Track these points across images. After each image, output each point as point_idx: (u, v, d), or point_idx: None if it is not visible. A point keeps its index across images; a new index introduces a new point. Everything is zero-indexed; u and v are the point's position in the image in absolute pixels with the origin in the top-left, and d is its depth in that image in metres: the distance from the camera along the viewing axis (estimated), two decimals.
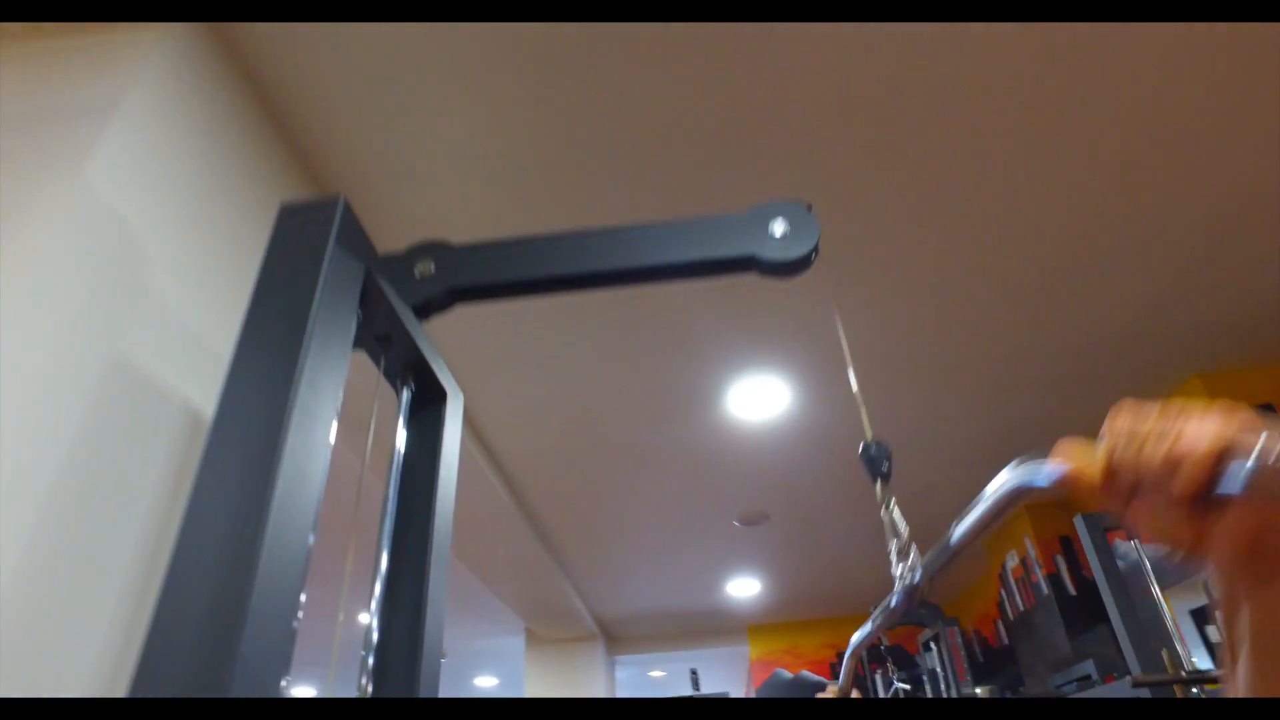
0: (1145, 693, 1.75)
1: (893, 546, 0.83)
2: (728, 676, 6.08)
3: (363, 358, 1.13)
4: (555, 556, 4.04)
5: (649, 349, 2.44)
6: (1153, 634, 1.97)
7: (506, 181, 1.72)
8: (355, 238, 1.00)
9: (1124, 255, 2.20)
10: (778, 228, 1.09)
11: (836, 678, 5.19)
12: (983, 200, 1.91)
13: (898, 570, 0.82)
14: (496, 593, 4.30)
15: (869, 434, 0.97)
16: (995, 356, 2.64)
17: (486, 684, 7.53)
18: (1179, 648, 2.07)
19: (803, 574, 4.85)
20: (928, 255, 2.08)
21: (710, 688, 5.80)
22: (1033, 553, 4.00)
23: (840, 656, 5.91)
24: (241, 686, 0.63)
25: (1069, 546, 3.92)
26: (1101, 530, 2.05)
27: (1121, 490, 0.42)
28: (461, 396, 1.32)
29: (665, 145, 1.67)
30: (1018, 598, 4.27)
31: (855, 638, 1.07)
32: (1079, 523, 2.09)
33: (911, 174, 1.81)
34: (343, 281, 0.94)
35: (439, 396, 1.24)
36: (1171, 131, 1.77)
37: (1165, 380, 2.97)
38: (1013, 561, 4.28)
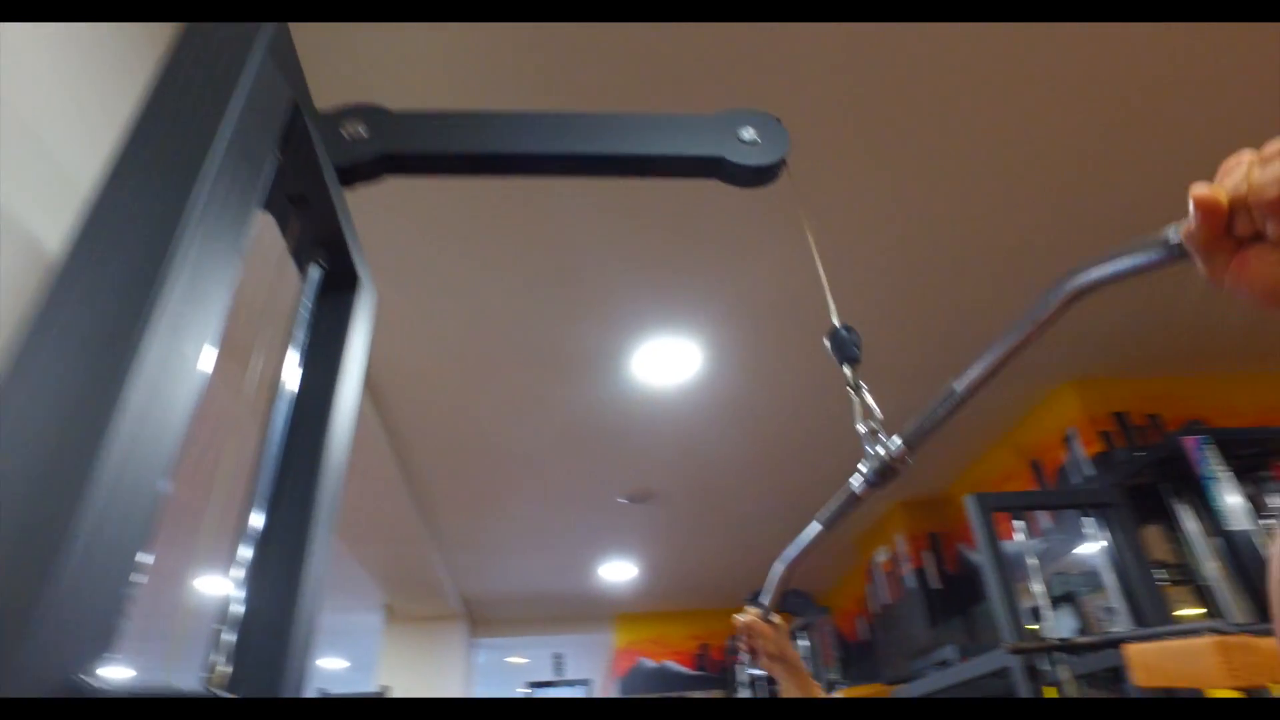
0: (1016, 661, 1.78)
1: (863, 427, 0.78)
2: (591, 664, 5.98)
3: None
4: (427, 519, 3.78)
5: (559, 295, 2.29)
6: (1026, 609, 2.03)
7: (469, 68, 1.54)
8: (287, 62, 0.78)
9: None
10: (746, 133, 1.05)
11: (701, 668, 5.15)
12: (940, 126, 1.91)
13: (872, 450, 0.76)
14: (358, 556, 3.98)
15: (835, 319, 0.89)
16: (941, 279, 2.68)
17: (334, 666, 7.03)
18: (1050, 620, 2.15)
19: (680, 560, 4.81)
20: (887, 179, 2.06)
21: (574, 674, 5.67)
22: (903, 548, 4.14)
23: (704, 649, 5.90)
24: (36, 673, 0.40)
25: (936, 542, 4.08)
26: (988, 509, 2.10)
27: (1242, 226, 0.38)
28: (375, 294, 1.13)
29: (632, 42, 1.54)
30: (884, 592, 4.41)
31: (791, 550, 0.98)
32: (970, 502, 2.12)
33: (874, 103, 1.77)
34: (263, 110, 0.70)
35: (350, 284, 1.04)
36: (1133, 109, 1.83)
37: (1042, 383, 3.14)
38: (882, 557, 4.41)
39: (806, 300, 2.38)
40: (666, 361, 2.67)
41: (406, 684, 4.33)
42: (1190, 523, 2.39)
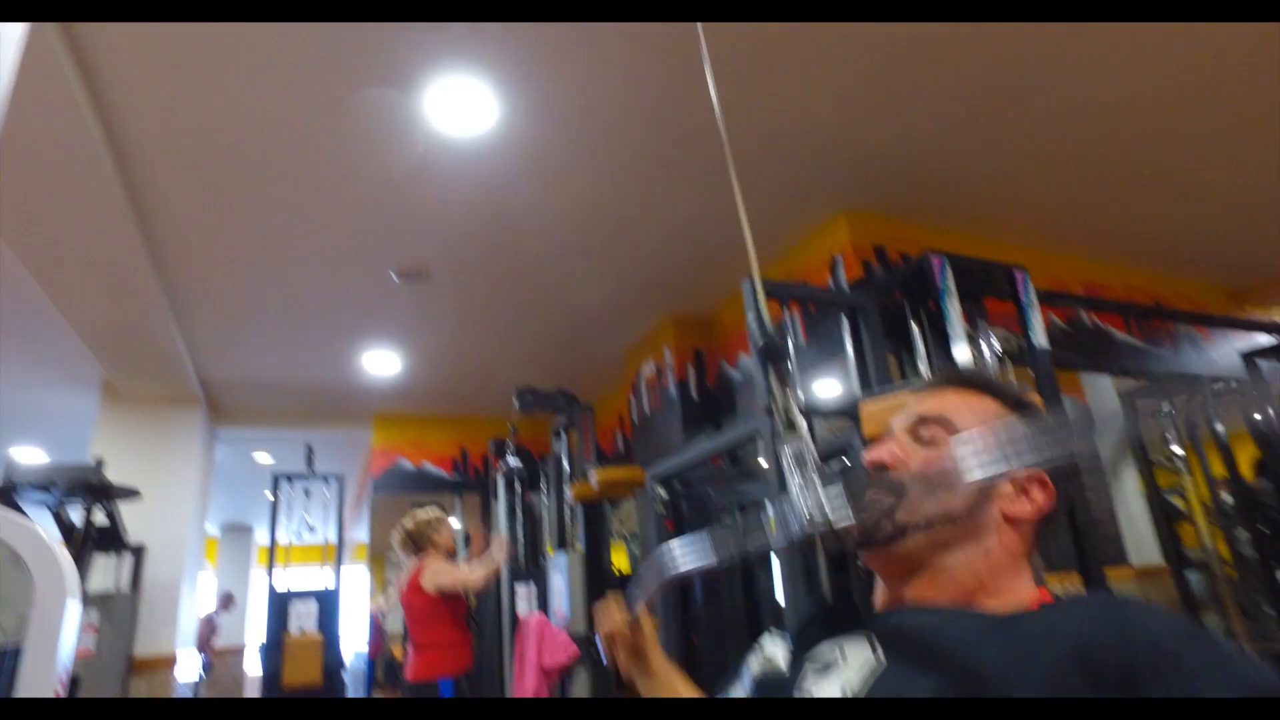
0: (765, 424, 1.96)
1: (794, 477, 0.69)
2: (346, 462, 5.80)
3: None
4: (161, 269, 3.23)
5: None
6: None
7: None
8: None
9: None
10: None
11: (459, 472, 5.19)
12: None
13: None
14: (65, 310, 3.36)
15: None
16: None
17: (28, 455, 6.12)
18: (803, 397, 2.39)
19: (450, 357, 4.69)
20: None
21: (327, 471, 5.46)
22: (670, 360, 4.38)
23: (463, 455, 5.94)
24: None
25: (701, 359, 4.38)
26: (764, 292, 2.23)
27: None
28: None
29: None
30: (645, 404, 4.69)
31: (681, 559, 0.83)
32: (747, 284, 2.24)
33: None
34: None
35: None
36: None
37: (815, 214, 3.35)
38: (648, 371, 4.65)
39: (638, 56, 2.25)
40: (457, 108, 2.41)
41: (128, 478, 3.82)
42: (920, 339, 2.74)
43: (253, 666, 8.76)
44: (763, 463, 3.05)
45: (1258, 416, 2.93)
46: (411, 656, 3.29)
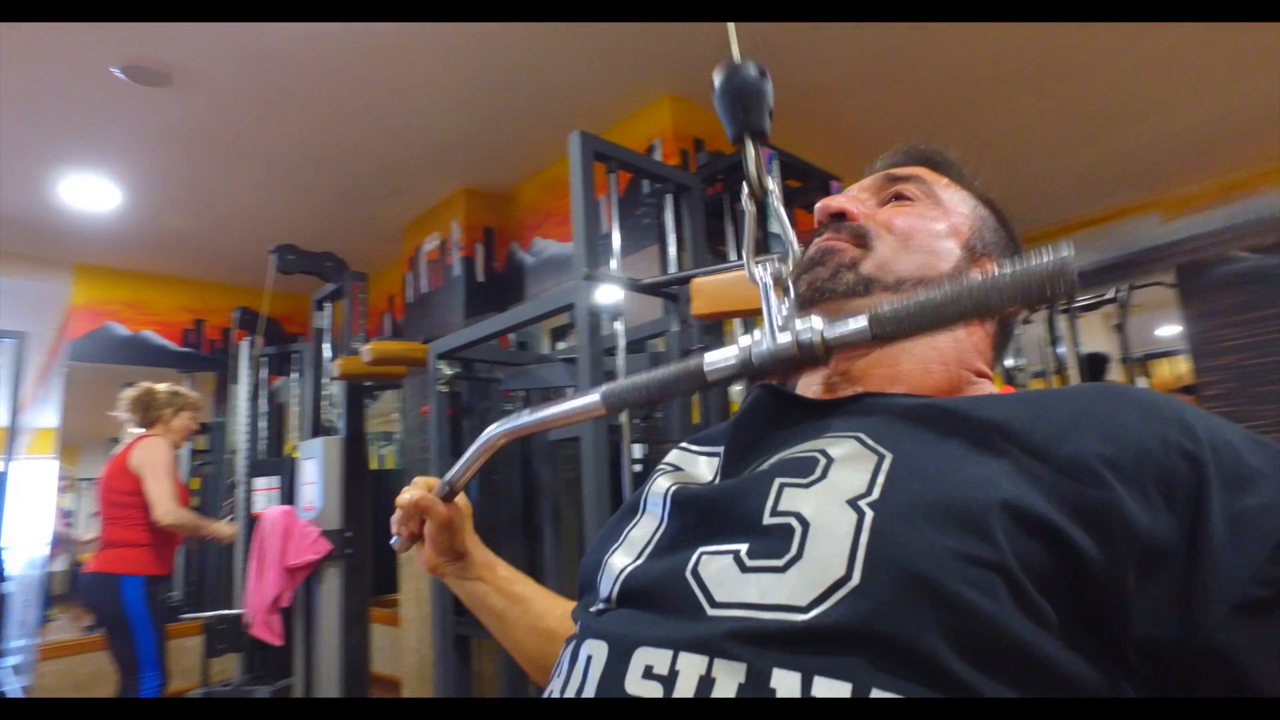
0: (585, 287, 1.72)
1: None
2: (32, 317, 4.60)
3: None
4: None
5: None
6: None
7: None
8: None
9: None
10: None
11: (193, 346, 4.41)
12: None
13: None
14: None
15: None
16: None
17: None
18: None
19: (191, 197, 3.78)
20: None
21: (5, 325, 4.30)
22: (457, 235, 3.94)
23: (198, 326, 5.04)
24: None
25: (491, 237, 3.99)
26: (590, 150, 1.94)
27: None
28: None
29: None
30: (424, 281, 4.22)
31: (525, 417, 0.65)
32: (574, 139, 1.92)
33: None
34: None
35: None
36: None
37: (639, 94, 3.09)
38: (430, 245, 4.17)
39: None
40: None
41: None
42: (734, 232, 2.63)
43: None
44: (563, 344, 2.82)
45: None
46: (100, 547, 2.87)
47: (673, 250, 2.30)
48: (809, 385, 0.62)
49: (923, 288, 0.55)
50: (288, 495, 3.09)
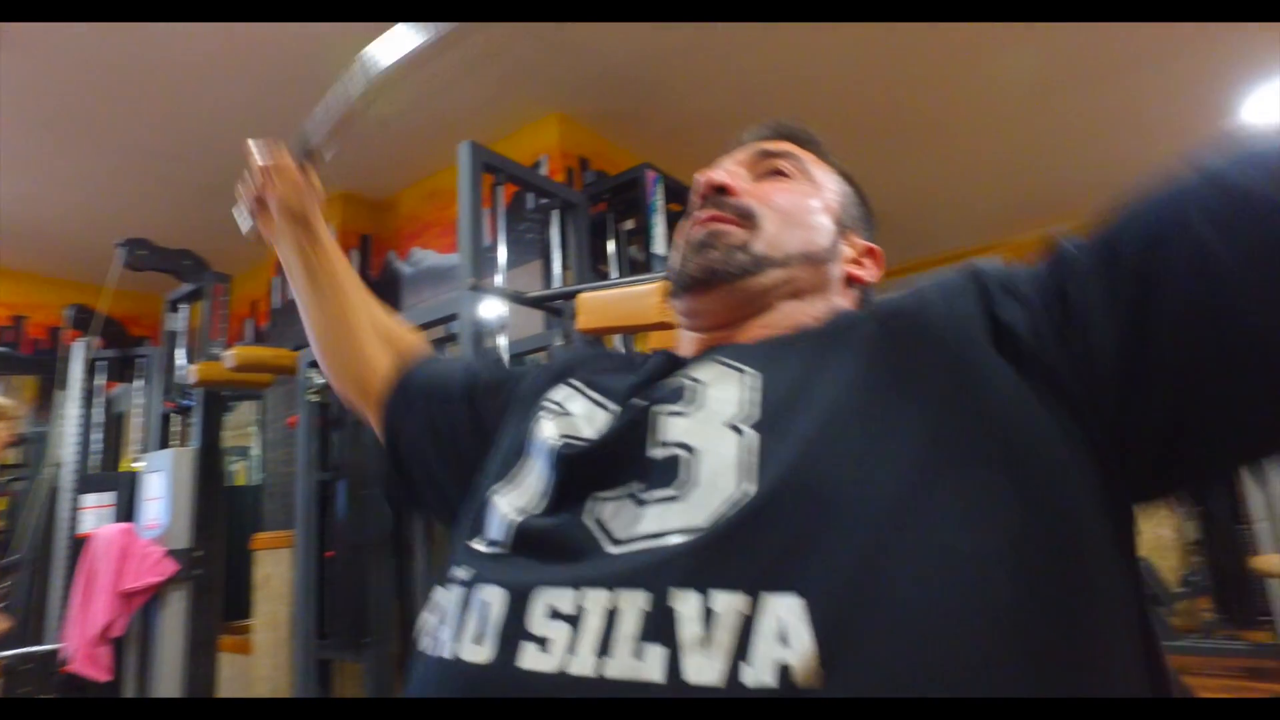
0: (470, 298, 1.72)
1: None
2: None
3: None
4: None
5: None
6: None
7: None
8: None
9: None
10: None
11: (11, 345, 3.96)
12: None
13: None
14: None
15: None
16: None
17: None
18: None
19: (23, 177, 3.40)
20: None
21: None
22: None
23: (18, 323, 4.53)
24: None
25: (367, 245, 3.85)
26: (480, 161, 1.93)
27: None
28: None
29: None
30: (290, 288, 4.00)
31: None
32: (464, 149, 1.91)
33: None
34: None
35: None
36: None
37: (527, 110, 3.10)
38: None
39: None
40: None
41: None
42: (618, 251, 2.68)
43: None
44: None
45: None
46: None
47: (557, 266, 2.32)
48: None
49: (808, 263, 0.61)
50: (125, 512, 2.83)
